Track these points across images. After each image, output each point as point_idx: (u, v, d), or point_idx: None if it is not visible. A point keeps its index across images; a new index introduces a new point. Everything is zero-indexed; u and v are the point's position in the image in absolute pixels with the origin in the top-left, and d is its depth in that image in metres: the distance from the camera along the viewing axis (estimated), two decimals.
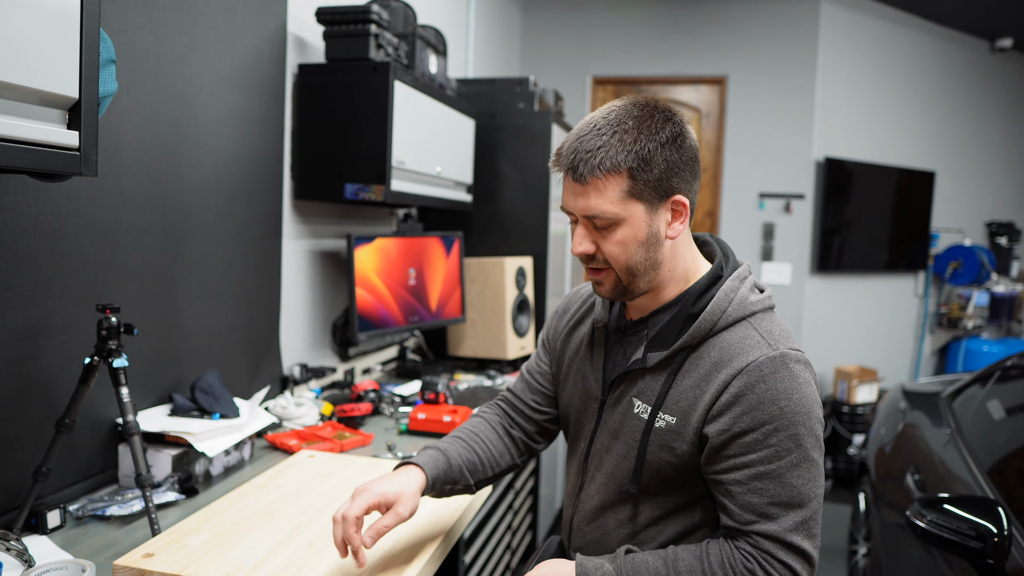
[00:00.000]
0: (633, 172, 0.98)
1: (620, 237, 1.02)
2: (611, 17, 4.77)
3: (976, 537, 1.42)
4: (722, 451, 0.99)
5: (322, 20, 2.16)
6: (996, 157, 5.55)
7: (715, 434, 0.99)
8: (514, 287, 2.85)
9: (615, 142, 0.99)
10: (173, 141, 1.66)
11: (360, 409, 1.99)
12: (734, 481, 0.98)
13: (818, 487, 0.97)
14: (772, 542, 0.95)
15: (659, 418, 1.04)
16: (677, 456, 1.03)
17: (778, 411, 0.96)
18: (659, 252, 1.04)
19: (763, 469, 0.96)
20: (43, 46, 0.86)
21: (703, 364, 1.02)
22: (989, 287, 5.28)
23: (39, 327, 1.34)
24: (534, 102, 3.05)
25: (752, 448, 0.96)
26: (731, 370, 0.99)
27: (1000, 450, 1.92)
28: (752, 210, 4.68)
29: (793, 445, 0.96)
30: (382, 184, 2.13)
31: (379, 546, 1.15)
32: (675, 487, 1.06)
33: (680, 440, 1.02)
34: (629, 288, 1.06)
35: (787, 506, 0.95)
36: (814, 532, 0.96)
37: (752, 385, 0.97)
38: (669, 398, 1.04)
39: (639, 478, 1.07)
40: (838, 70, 4.65)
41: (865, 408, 4.45)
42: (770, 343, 1.00)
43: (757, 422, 0.96)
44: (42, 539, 1.25)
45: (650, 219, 1.02)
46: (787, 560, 0.94)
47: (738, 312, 1.03)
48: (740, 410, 0.97)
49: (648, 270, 1.05)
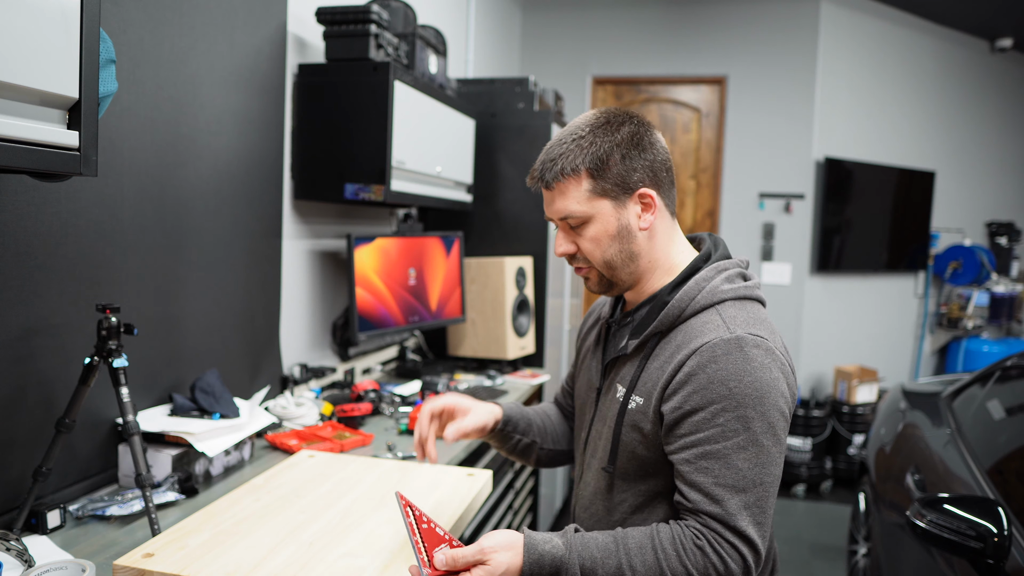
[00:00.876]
0: (592, 172, 1.06)
1: (592, 234, 1.09)
2: (611, 17, 4.77)
3: (976, 537, 1.42)
4: (675, 429, 1.01)
5: (322, 20, 2.16)
6: (996, 157, 5.55)
7: (668, 412, 1.02)
8: (514, 287, 2.85)
9: (574, 148, 1.07)
10: (173, 141, 1.66)
11: (360, 409, 1.99)
12: (683, 460, 1.00)
13: (766, 474, 0.97)
14: (719, 523, 0.96)
15: (631, 400, 1.08)
16: (645, 436, 1.07)
17: (727, 391, 0.97)
18: (633, 244, 1.09)
19: (709, 448, 0.97)
20: (43, 46, 0.86)
21: (668, 348, 1.06)
22: (989, 287, 5.28)
23: (39, 327, 1.34)
24: (534, 102, 3.05)
25: (700, 427, 0.98)
26: (687, 351, 1.02)
27: (1000, 450, 1.92)
28: (752, 210, 4.68)
29: (741, 427, 0.97)
30: (382, 184, 2.13)
31: (379, 546, 1.16)
32: (652, 472, 1.09)
33: (645, 419, 1.06)
34: (613, 281, 1.12)
35: (732, 488, 0.96)
36: (760, 520, 0.96)
37: (704, 365, 0.99)
38: (640, 381, 1.08)
39: (615, 459, 1.11)
40: (838, 70, 4.65)
41: (865, 408, 4.45)
42: (729, 327, 1.02)
43: (706, 401, 0.98)
44: (42, 539, 1.25)
45: (618, 213, 1.08)
46: (734, 542, 0.95)
47: (707, 300, 1.06)
48: (691, 389, 0.99)
49: (626, 262, 1.10)
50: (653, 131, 1.10)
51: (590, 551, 0.97)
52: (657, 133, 1.11)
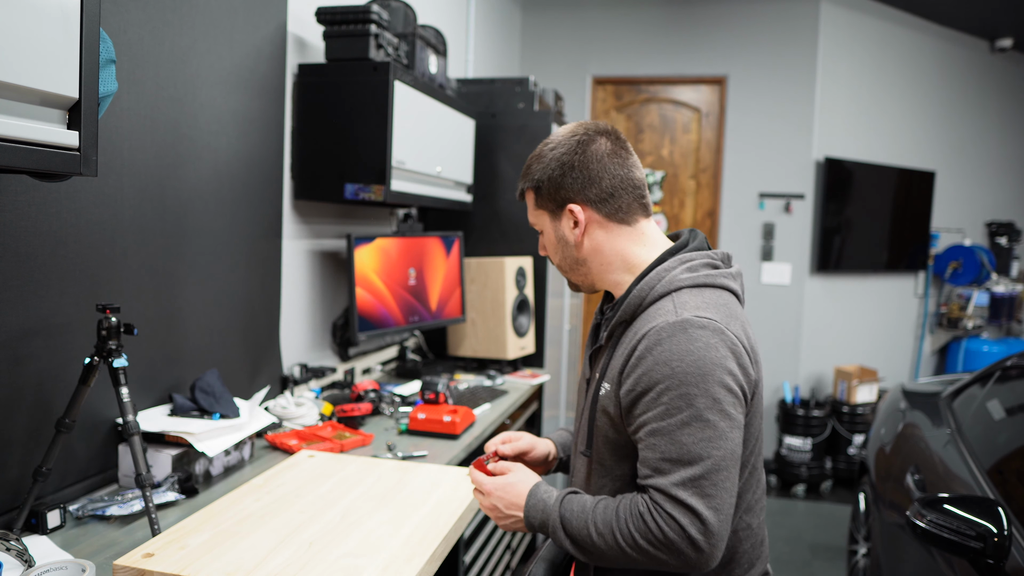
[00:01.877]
0: (535, 190, 1.21)
1: (544, 241, 1.25)
2: (611, 17, 4.77)
3: (976, 537, 1.42)
4: (631, 411, 1.07)
5: (322, 20, 2.16)
6: (996, 157, 5.55)
7: (624, 395, 1.08)
8: (514, 287, 2.85)
9: (527, 169, 1.23)
10: (173, 141, 1.66)
11: (360, 409, 1.99)
12: (639, 439, 1.06)
13: (714, 448, 1.00)
14: (660, 494, 1.01)
15: (602, 387, 1.14)
16: (612, 419, 1.12)
17: (670, 371, 1.02)
18: (576, 251, 1.20)
19: (656, 426, 1.03)
20: (43, 46, 0.86)
21: (628, 335, 1.12)
22: (989, 287, 5.28)
23: (39, 327, 1.34)
24: (534, 102, 3.05)
25: (649, 407, 1.04)
26: (639, 336, 1.07)
27: (1000, 450, 1.92)
28: (752, 210, 4.68)
29: (684, 404, 1.01)
30: (382, 184, 2.13)
31: (379, 546, 1.16)
32: (625, 456, 1.13)
33: (611, 403, 1.12)
34: (575, 282, 1.25)
35: (676, 462, 1.00)
36: (708, 492, 0.99)
37: (651, 348, 1.04)
38: (608, 368, 1.14)
39: (591, 442, 1.17)
40: (838, 70, 4.65)
41: (865, 408, 4.45)
42: (678, 311, 1.06)
43: (653, 382, 1.03)
44: (42, 539, 1.26)
45: (555, 225, 1.21)
46: (673, 513, 0.99)
47: (664, 288, 1.11)
48: (641, 371, 1.05)
49: (573, 267, 1.22)
50: (591, 150, 1.16)
51: (570, 506, 1.09)
52: (593, 148, 1.16)
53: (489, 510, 1.18)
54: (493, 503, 1.17)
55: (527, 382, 2.69)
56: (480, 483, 1.19)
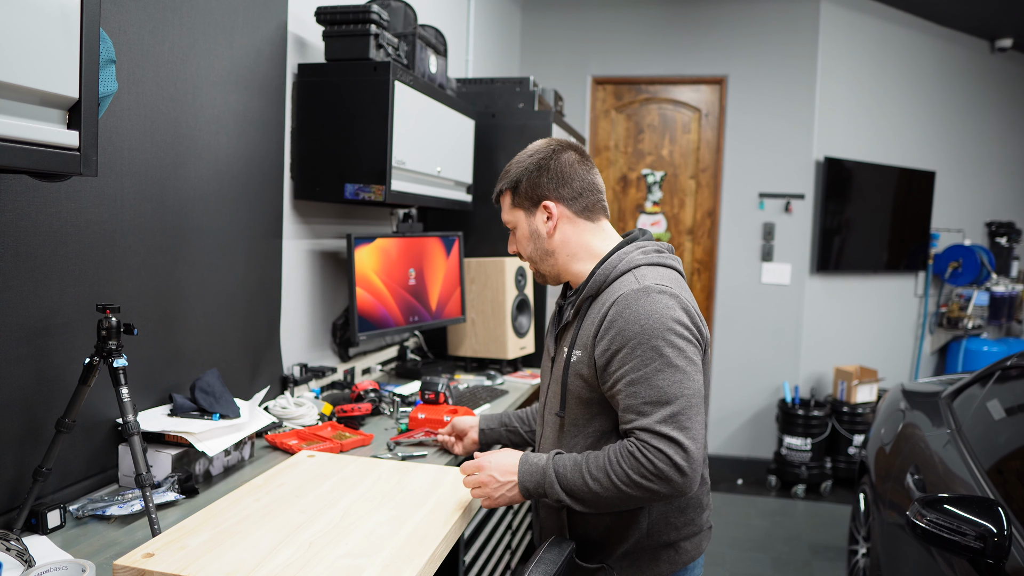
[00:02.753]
0: (512, 190, 1.42)
1: (518, 236, 1.43)
2: (611, 17, 4.77)
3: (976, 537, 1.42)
4: (607, 368, 1.24)
5: (322, 20, 2.16)
6: (996, 157, 5.55)
7: (599, 355, 1.25)
8: (514, 287, 2.85)
9: (505, 174, 1.44)
10: (173, 141, 1.66)
11: (360, 409, 1.99)
12: (618, 391, 1.22)
13: (685, 388, 1.19)
14: (646, 432, 1.18)
15: (572, 354, 1.32)
16: (584, 380, 1.29)
17: (639, 328, 1.21)
18: (546, 243, 1.39)
19: (634, 376, 1.20)
20: (43, 46, 0.86)
21: (596, 307, 1.31)
22: (989, 287, 5.28)
23: (39, 327, 1.34)
24: (534, 102, 3.05)
25: (625, 361, 1.21)
26: (608, 304, 1.26)
27: (1000, 450, 1.92)
28: (752, 210, 4.68)
29: (655, 355, 1.19)
30: (382, 184, 2.13)
31: (379, 545, 1.16)
32: (597, 413, 1.31)
33: (584, 366, 1.29)
34: (540, 271, 1.43)
35: (656, 404, 1.18)
36: (685, 425, 1.17)
37: (620, 311, 1.23)
38: (578, 338, 1.32)
39: (564, 405, 1.34)
40: (838, 70, 4.65)
41: (865, 408, 4.45)
42: (640, 282, 1.26)
43: (625, 340, 1.21)
44: (42, 539, 1.26)
45: (529, 221, 1.40)
46: (659, 446, 1.16)
47: (625, 267, 1.31)
48: (613, 332, 1.23)
49: (543, 257, 1.40)
50: (563, 156, 1.39)
51: (563, 461, 1.25)
52: (566, 155, 1.39)
53: (483, 484, 1.29)
54: (490, 474, 1.28)
55: (527, 382, 2.69)
56: (474, 461, 1.33)
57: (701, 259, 4.82)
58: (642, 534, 1.30)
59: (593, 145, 4.86)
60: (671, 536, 1.32)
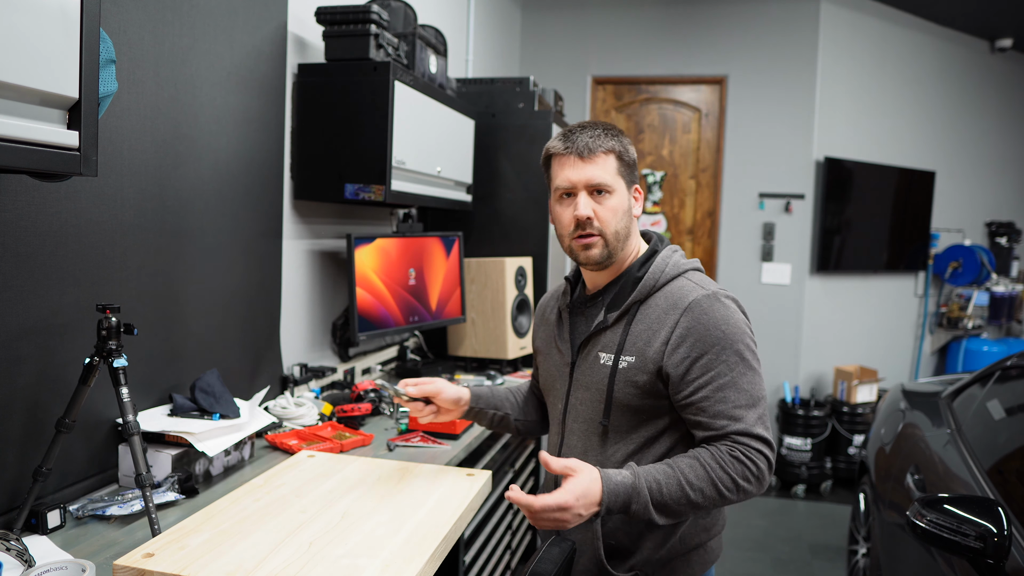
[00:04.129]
0: (618, 155, 1.31)
1: (612, 204, 1.30)
2: (611, 17, 4.77)
3: (976, 537, 1.42)
4: (685, 377, 1.22)
5: (322, 20, 2.16)
6: (996, 157, 5.55)
7: (675, 364, 1.23)
8: (514, 287, 2.85)
9: (604, 134, 1.31)
10: (173, 141, 1.66)
11: (360, 409, 1.99)
12: (703, 398, 1.21)
13: (762, 390, 1.23)
14: (745, 436, 1.19)
15: (621, 360, 1.28)
16: (639, 387, 1.26)
17: (720, 334, 1.22)
18: (631, 224, 1.33)
19: (722, 381, 1.20)
20: (43, 46, 0.86)
21: (652, 312, 1.28)
22: (989, 287, 5.28)
23: (39, 327, 1.34)
24: (534, 102, 3.05)
25: (709, 367, 1.21)
26: (677, 311, 1.25)
27: (1000, 450, 1.92)
28: (752, 210, 4.68)
29: (738, 359, 1.22)
30: (382, 184, 2.13)
31: (379, 545, 1.16)
32: (641, 421, 1.28)
33: (640, 373, 1.26)
34: (612, 253, 1.31)
35: (747, 406, 1.20)
36: (767, 424, 1.22)
37: (697, 318, 1.23)
38: (627, 343, 1.28)
39: (609, 412, 1.30)
40: (838, 70, 4.65)
41: (865, 408, 4.45)
42: (703, 287, 1.27)
43: (707, 346, 1.22)
44: (42, 539, 1.25)
45: (626, 195, 1.33)
46: (759, 447, 1.19)
47: (673, 271, 1.31)
48: (692, 340, 1.22)
49: (624, 238, 1.32)
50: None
51: (652, 474, 1.18)
52: None
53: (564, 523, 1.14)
54: (577, 513, 1.14)
55: (527, 382, 2.69)
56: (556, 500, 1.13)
57: (701, 259, 4.82)
58: (676, 539, 1.28)
59: None
60: (701, 538, 1.32)
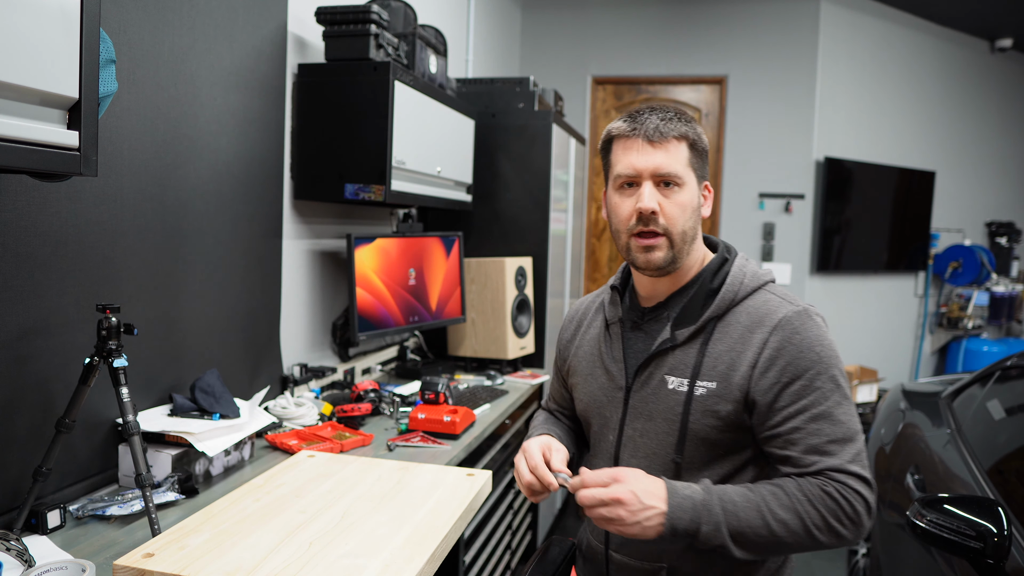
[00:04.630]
0: (692, 144, 1.13)
1: (682, 199, 1.12)
2: (611, 17, 4.77)
3: (976, 537, 1.42)
4: (774, 404, 1.06)
5: (322, 20, 2.16)
6: (996, 157, 5.55)
7: (764, 391, 1.06)
8: (514, 287, 2.85)
9: (676, 117, 1.14)
10: (173, 141, 1.65)
11: (360, 409, 1.99)
12: (793, 429, 1.05)
13: (857, 422, 1.07)
14: (841, 474, 1.03)
15: (698, 386, 1.10)
16: (721, 419, 1.08)
17: (816, 357, 1.06)
18: (698, 224, 1.16)
19: (816, 411, 1.04)
20: (43, 46, 0.86)
21: (734, 329, 1.10)
22: (989, 287, 5.28)
23: (39, 327, 1.34)
24: (534, 102, 3.04)
25: (802, 394, 1.05)
26: (765, 329, 1.08)
27: (1000, 450, 1.92)
28: (752, 210, 4.68)
29: (833, 386, 1.05)
30: (382, 184, 2.13)
31: (379, 545, 1.16)
32: (718, 456, 1.11)
33: (723, 402, 1.08)
34: (676, 257, 1.13)
35: (842, 442, 1.04)
36: (866, 463, 1.05)
37: (788, 337, 1.06)
38: (704, 366, 1.10)
39: (683, 447, 1.11)
40: (838, 70, 4.65)
41: (865, 408, 4.45)
42: (791, 302, 1.11)
43: (801, 369, 1.05)
44: (42, 539, 1.25)
45: (697, 191, 1.15)
46: (856, 487, 1.02)
47: (753, 283, 1.14)
48: (784, 362, 1.06)
49: (691, 240, 1.15)
50: None
51: (728, 495, 1.02)
52: None
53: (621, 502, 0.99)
54: (631, 490, 1.00)
55: (527, 382, 2.69)
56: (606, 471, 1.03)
57: None
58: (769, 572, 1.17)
59: (593, 145, 4.86)
60: (788, 569, 1.22)
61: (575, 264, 3.69)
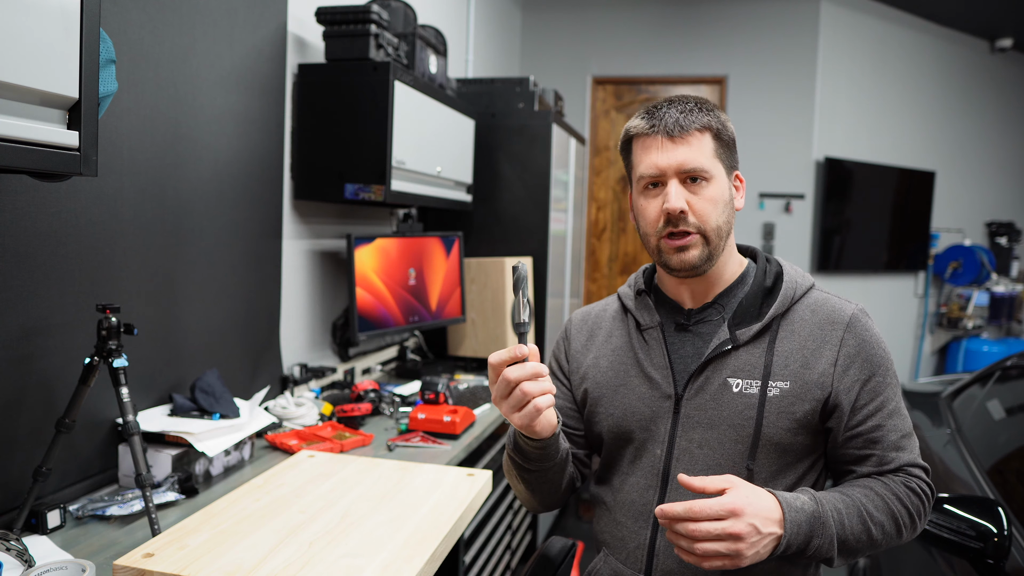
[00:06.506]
0: (716, 134, 1.07)
1: (711, 194, 1.06)
2: (611, 17, 4.77)
3: (976, 537, 1.42)
4: (856, 403, 1.05)
5: (322, 20, 2.16)
6: (996, 157, 5.55)
7: (846, 389, 1.05)
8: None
9: (697, 108, 1.08)
10: (173, 141, 1.65)
11: (360, 409, 1.99)
12: (875, 427, 1.05)
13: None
14: (917, 469, 1.06)
15: (771, 387, 1.05)
16: (796, 420, 1.05)
17: (883, 352, 1.07)
18: (731, 218, 1.10)
19: (890, 408, 1.06)
20: (43, 46, 0.86)
21: (803, 327, 1.08)
22: (989, 287, 5.28)
23: (39, 327, 1.34)
24: (534, 102, 3.05)
25: (878, 391, 1.06)
26: (839, 327, 1.07)
27: (1000, 450, 1.92)
28: (752, 210, 4.68)
29: (895, 381, 1.08)
30: (382, 184, 2.13)
31: (379, 545, 1.16)
32: (788, 463, 1.07)
33: (800, 402, 1.05)
34: (712, 255, 1.07)
35: (909, 436, 1.07)
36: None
37: (861, 336, 1.07)
38: (775, 365, 1.06)
39: (755, 453, 1.05)
40: (838, 70, 4.65)
41: None
42: (850, 301, 1.11)
43: (875, 366, 1.06)
44: (42, 539, 1.25)
45: (726, 183, 1.09)
46: (924, 477, 1.06)
47: (805, 281, 1.13)
48: (862, 359, 1.06)
49: (725, 235, 1.09)
50: None
51: (832, 502, 1.00)
52: None
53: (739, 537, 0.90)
54: (751, 523, 0.91)
55: None
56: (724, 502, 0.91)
57: None
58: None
59: (593, 145, 4.86)
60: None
61: (575, 264, 3.69)
